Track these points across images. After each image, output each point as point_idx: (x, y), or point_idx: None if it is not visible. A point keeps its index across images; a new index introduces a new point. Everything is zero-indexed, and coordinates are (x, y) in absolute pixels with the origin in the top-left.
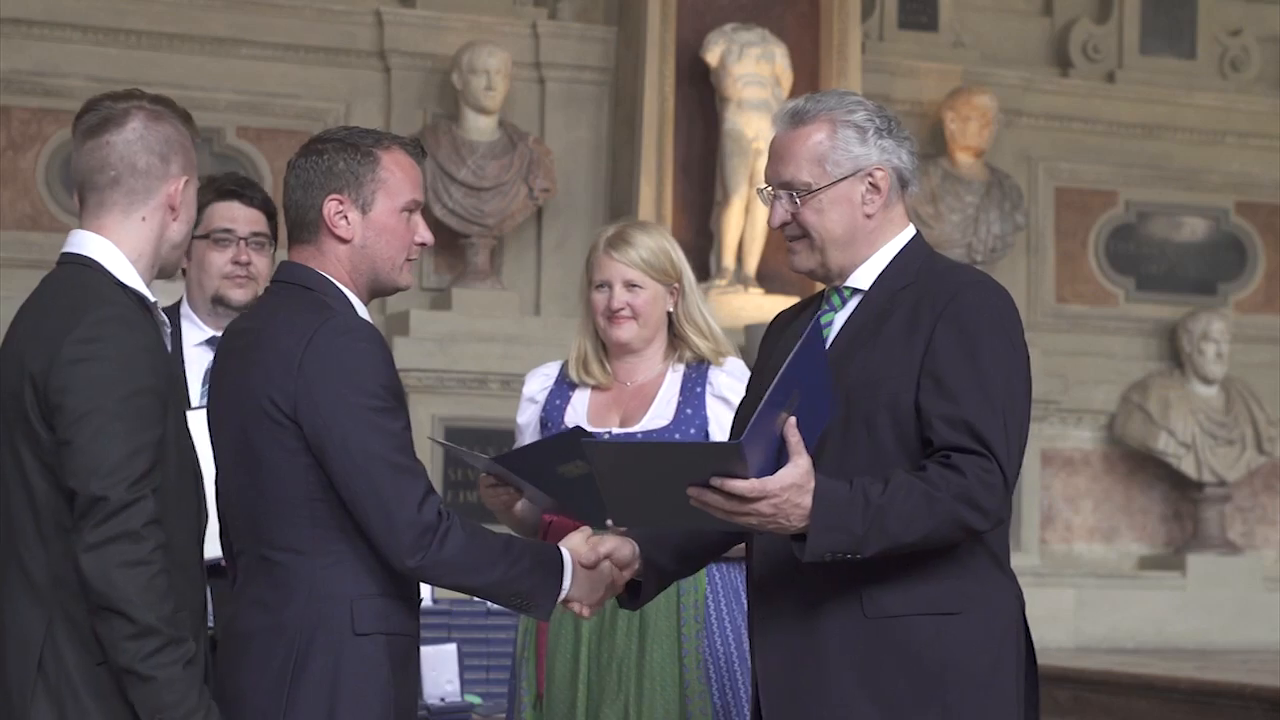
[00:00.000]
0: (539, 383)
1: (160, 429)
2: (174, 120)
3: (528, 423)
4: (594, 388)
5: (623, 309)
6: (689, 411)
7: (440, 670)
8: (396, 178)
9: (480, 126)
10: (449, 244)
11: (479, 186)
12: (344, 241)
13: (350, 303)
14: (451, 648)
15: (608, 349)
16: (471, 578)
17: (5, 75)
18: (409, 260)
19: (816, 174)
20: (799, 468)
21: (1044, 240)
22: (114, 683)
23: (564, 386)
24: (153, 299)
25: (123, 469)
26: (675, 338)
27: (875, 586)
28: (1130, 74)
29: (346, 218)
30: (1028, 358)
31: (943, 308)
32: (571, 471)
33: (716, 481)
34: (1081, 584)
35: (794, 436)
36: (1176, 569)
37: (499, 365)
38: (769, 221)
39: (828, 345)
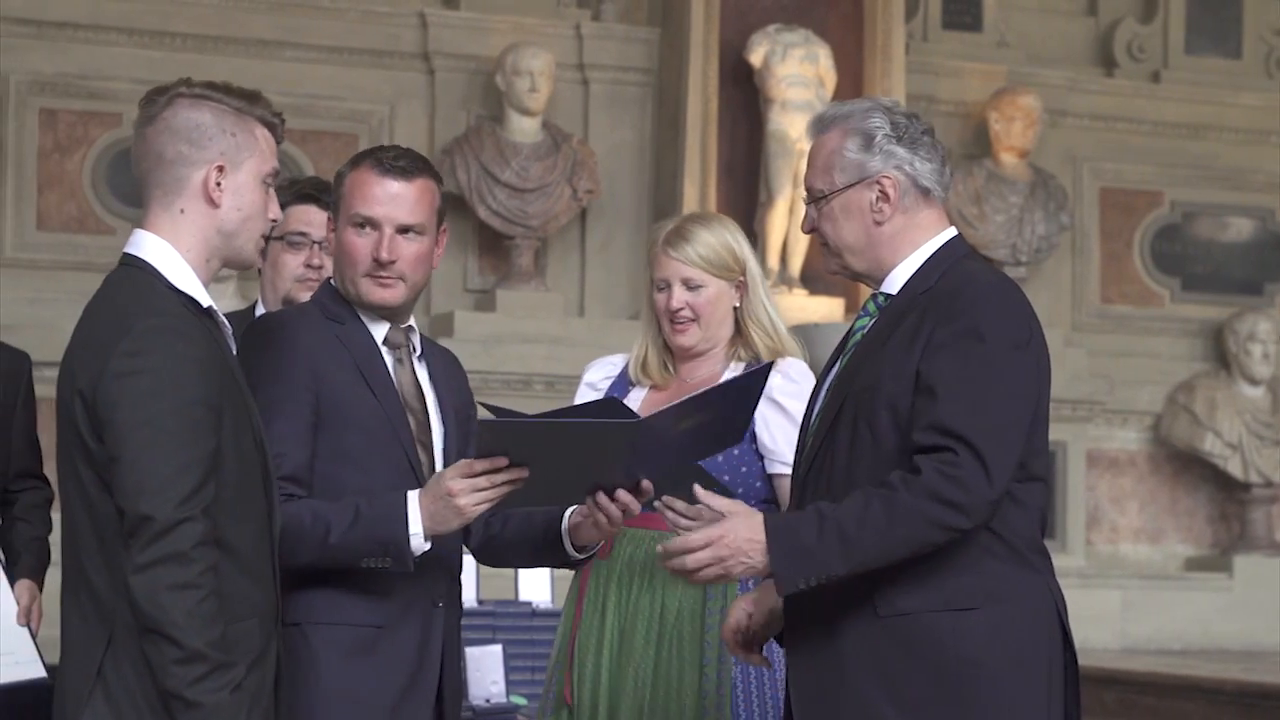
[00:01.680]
0: (602, 372)
1: (213, 441)
2: (219, 104)
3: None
4: (651, 387)
5: (683, 309)
6: None
7: (485, 671)
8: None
9: (524, 128)
10: (493, 245)
11: (523, 188)
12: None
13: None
14: (497, 649)
15: (672, 350)
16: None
17: (51, 78)
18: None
19: (827, 181)
20: (736, 509)
21: (1089, 241)
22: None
23: (624, 381)
24: (207, 303)
25: (170, 487)
26: (738, 334)
27: (888, 585)
28: (1175, 74)
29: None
30: (1036, 356)
31: (944, 309)
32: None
33: (660, 547)
34: (1127, 585)
35: (715, 500)
36: (1223, 570)
37: (543, 366)
38: (801, 227)
39: (852, 352)
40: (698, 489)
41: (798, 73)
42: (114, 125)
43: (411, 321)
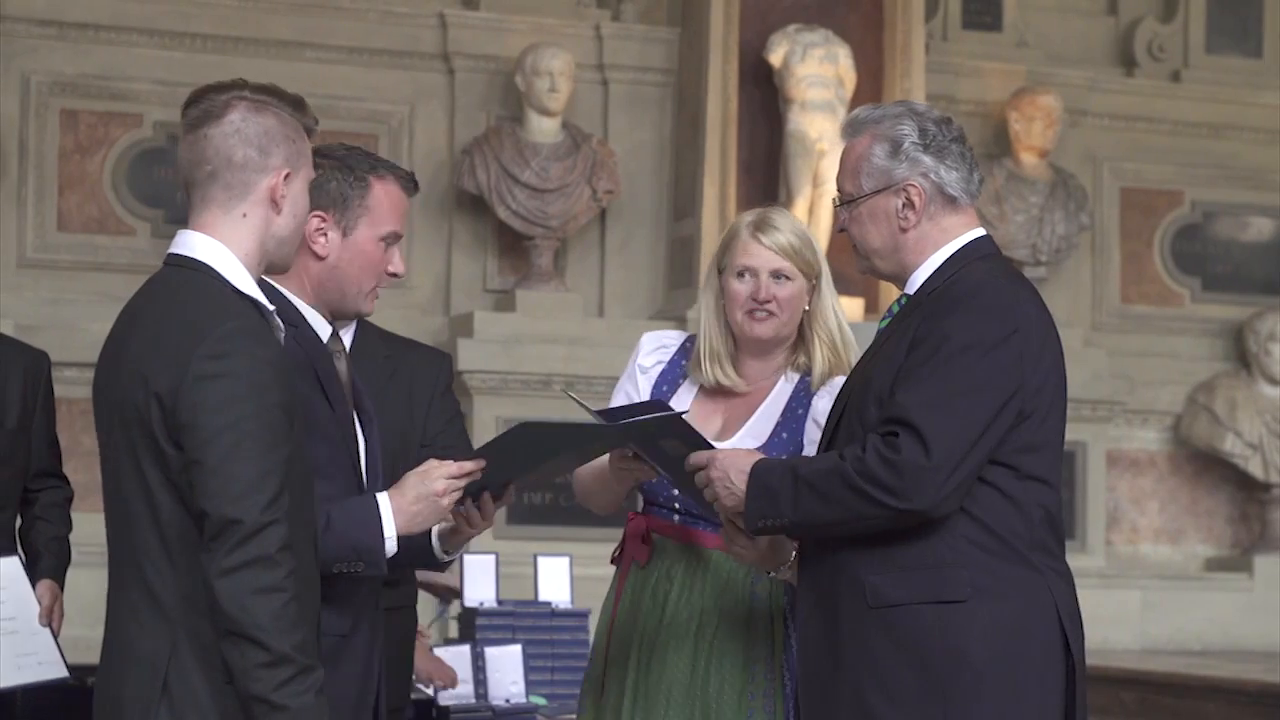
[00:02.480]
0: (655, 355)
1: (289, 446)
2: (279, 110)
3: (629, 390)
4: (702, 386)
5: (770, 301)
6: (784, 435)
7: (505, 671)
8: (384, 206)
9: (544, 128)
10: (513, 246)
11: (542, 188)
12: (318, 259)
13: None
14: (516, 649)
15: (737, 344)
16: None
17: (72, 79)
18: (376, 288)
19: (855, 185)
20: (742, 445)
21: (1109, 241)
22: (240, 704)
23: (677, 371)
24: (270, 306)
25: (256, 491)
26: (800, 339)
27: (875, 576)
28: (1196, 73)
29: (326, 235)
30: (1017, 354)
31: (929, 310)
32: (675, 449)
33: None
34: (1147, 586)
35: (699, 458)
36: (1243, 570)
37: (563, 367)
38: (833, 225)
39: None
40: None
41: (817, 73)
42: (135, 126)
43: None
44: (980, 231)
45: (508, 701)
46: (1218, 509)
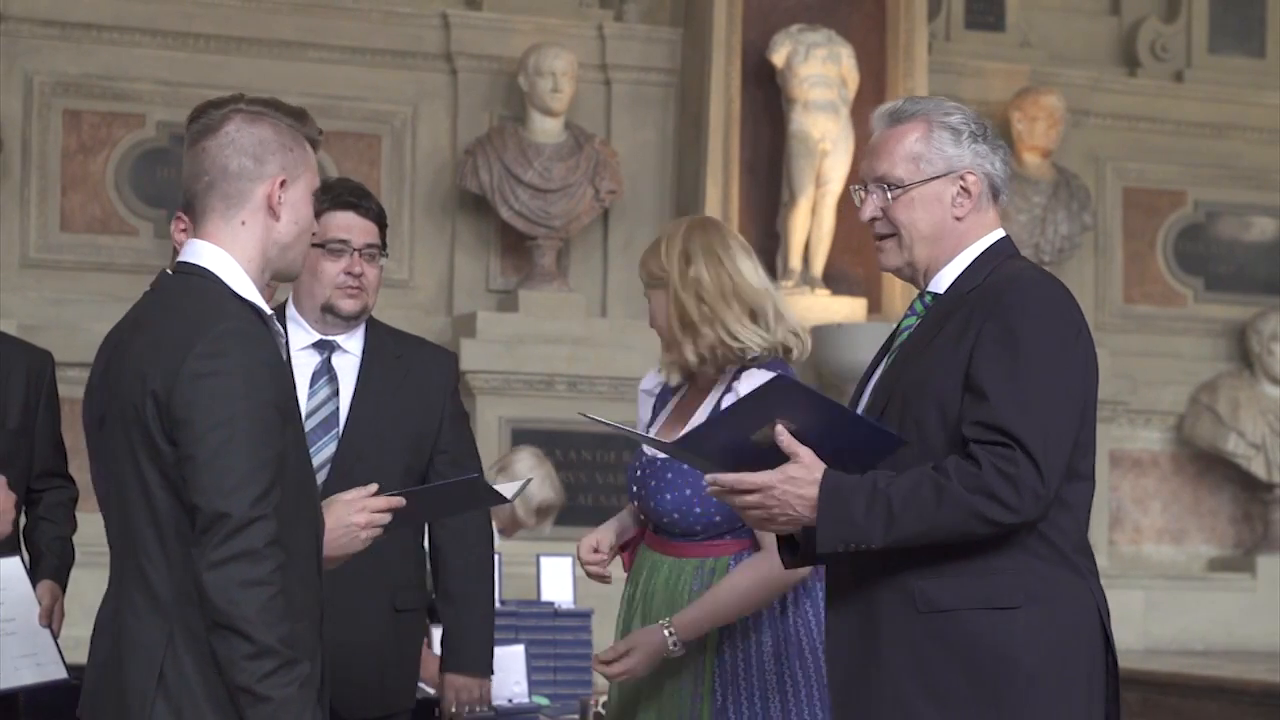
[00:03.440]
0: (653, 379)
1: (282, 444)
2: (275, 120)
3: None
4: (675, 390)
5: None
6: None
7: (508, 671)
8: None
9: (546, 128)
10: (516, 246)
11: (545, 188)
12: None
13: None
14: (519, 649)
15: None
16: None
17: (75, 79)
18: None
19: (910, 170)
20: (798, 464)
21: (1112, 240)
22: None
23: (667, 391)
24: (269, 310)
25: (245, 486)
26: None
27: (926, 581)
28: (1199, 73)
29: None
30: (1085, 353)
31: (990, 307)
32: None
33: (710, 478)
34: (1150, 585)
35: (784, 439)
36: (1246, 570)
37: (565, 367)
38: (860, 216)
39: (897, 351)
40: (780, 431)
41: (820, 73)
42: (137, 126)
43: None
44: (1002, 231)
45: (510, 701)
46: (1220, 509)
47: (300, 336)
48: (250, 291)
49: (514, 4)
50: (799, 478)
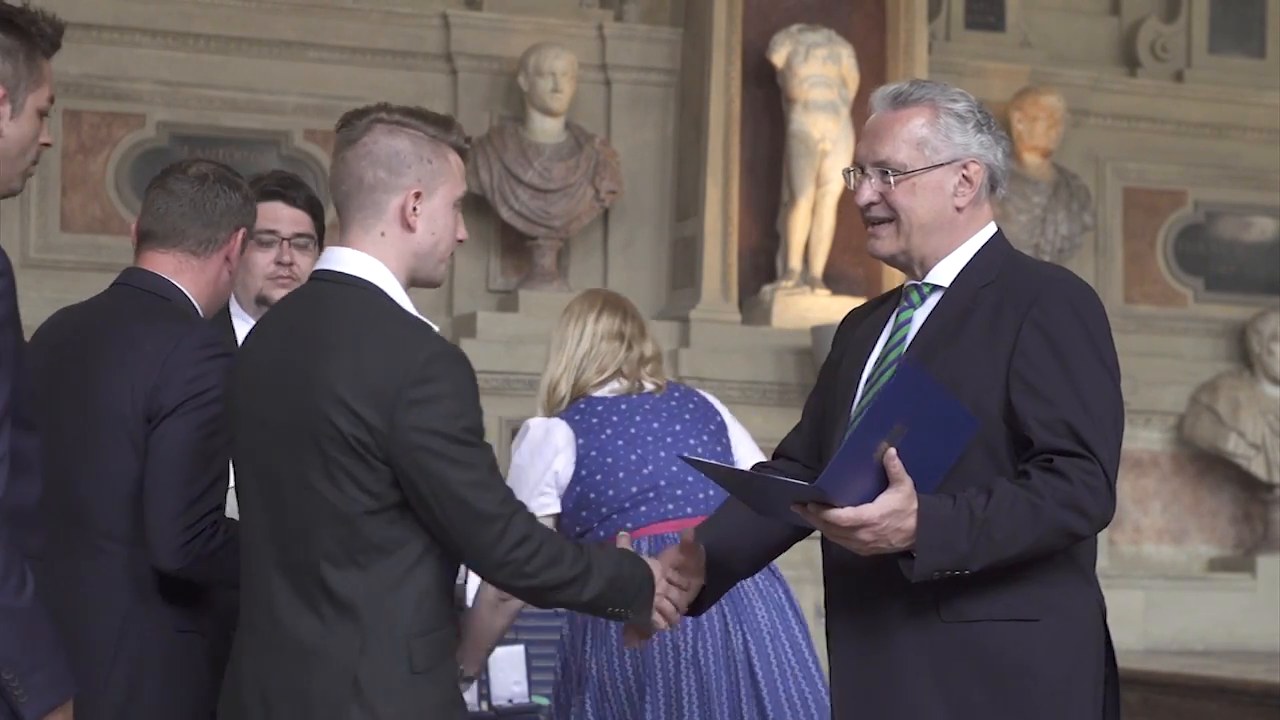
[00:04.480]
0: None
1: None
2: (416, 131)
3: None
4: None
5: None
6: None
7: (508, 671)
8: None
9: (546, 128)
10: (516, 246)
11: (545, 188)
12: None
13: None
14: (519, 649)
15: None
16: None
17: (75, 79)
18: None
19: (914, 156)
20: (899, 494)
21: (1112, 241)
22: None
23: None
24: (434, 327)
25: (498, 486)
26: None
27: (952, 592)
28: (1199, 73)
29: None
30: (1115, 355)
31: (1027, 308)
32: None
33: (813, 509)
34: (1151, 586)
35: (894, 466)
36: (1246, 571)
37: None
38: (857, 199)
39: (906, 343)
40: (891, 456)
41: (820, 73)
42: (138, 126)
43: None
44: (995, 226)
45: (510, 702)
46: (1221, 509)
47: (243, 329)
48: (407, 302)
49: (514, 4)
50: (900, 509)
